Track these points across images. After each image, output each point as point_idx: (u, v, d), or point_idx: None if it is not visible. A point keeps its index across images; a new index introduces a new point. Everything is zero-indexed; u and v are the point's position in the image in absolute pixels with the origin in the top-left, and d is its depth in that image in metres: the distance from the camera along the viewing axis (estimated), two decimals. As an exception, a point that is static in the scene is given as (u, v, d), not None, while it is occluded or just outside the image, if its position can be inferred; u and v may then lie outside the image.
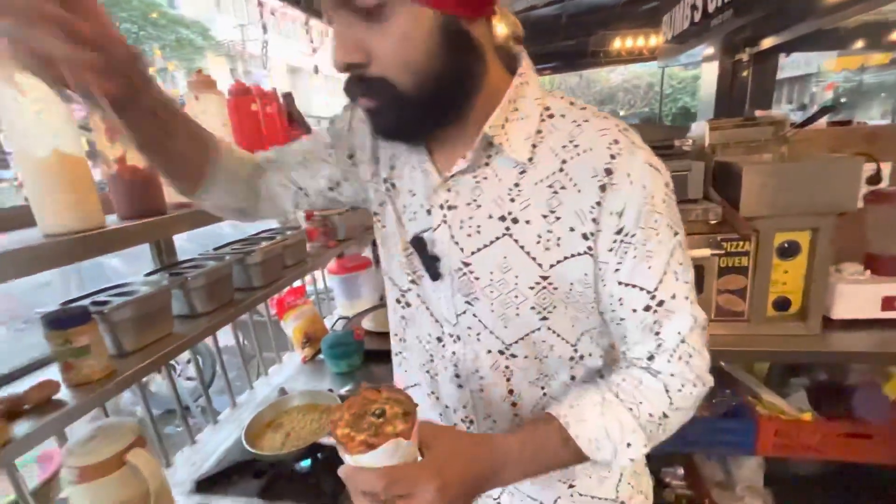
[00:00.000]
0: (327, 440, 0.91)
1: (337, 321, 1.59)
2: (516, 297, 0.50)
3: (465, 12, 0.43)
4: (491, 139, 0.48)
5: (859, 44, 4.49)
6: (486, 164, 0.50)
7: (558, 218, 0.47)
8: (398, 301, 0.60)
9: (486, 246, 0.50)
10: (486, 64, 0.47)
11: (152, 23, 10.51)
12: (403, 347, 0.63)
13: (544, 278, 0.49)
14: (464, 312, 0.53)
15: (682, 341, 0.49)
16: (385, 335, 1.43)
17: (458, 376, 0.56)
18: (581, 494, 0.59)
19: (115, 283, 0.80)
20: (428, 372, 0.59)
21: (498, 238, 0.49)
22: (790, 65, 9.70)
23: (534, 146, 0.48)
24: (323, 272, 1.76)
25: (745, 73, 3.11)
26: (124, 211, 0.71)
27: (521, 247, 0.49)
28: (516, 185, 0.49)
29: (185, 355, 2.90)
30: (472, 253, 0.51)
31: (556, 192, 0.47)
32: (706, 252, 1.19)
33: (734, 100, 3.24)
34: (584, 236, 0.47)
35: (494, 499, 0.62)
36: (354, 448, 0.40)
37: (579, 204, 0.46)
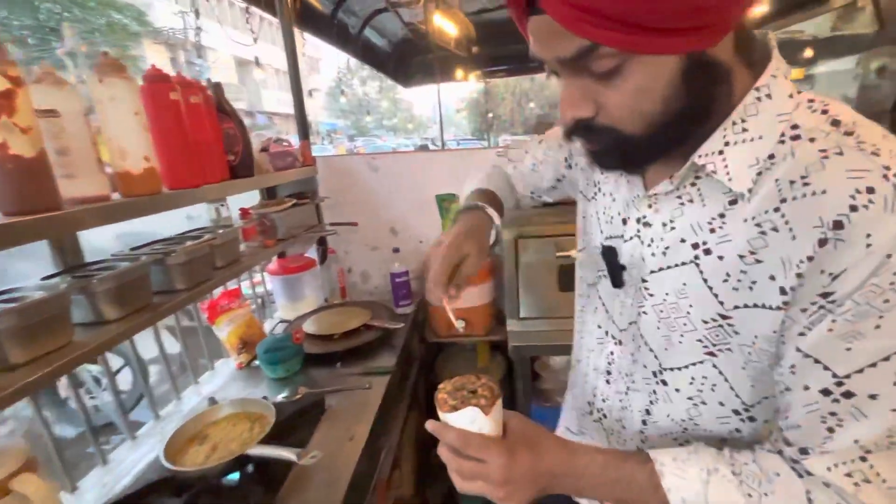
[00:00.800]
0: (257, 451, 0.86)
1: (277, 325, 1.52)
2: (685, 324, 0.48)
3: (712, 42, 0.37)
4: (701, 167, 0.44)
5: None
6: (693, 185, 0.46)
7: (759, 261, 0.42)
8: (589, 285, 0.65)
9: (668, 268, 0.49)
10: (732, 81, 0.42)
11: (79, 4, 9.64)
12: (582, 323, 0.69)
13: (723, 317, 0.45)
14: (634, 322, 0.55)
15: (863, 458, 0.38)
16: (328, 338, 1.40)
17: (609, 373, 0.61)
18: None
19: (3, 289, 0.71)
20: (592, 351, 0.65)
21: (684, 263, 0.47)
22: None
23: (759, 174, 0.41)
24: (262, 273, 1.68)
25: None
26: (8, 206, 0.63)
27: (705, 280, 0.46)
28: (721, 215, 0.44)
29: (117, 364, 2.67)
30: (652, 272, 0.51)
31: (764, 233, 0.41)
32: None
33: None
34: (783, 290, 0.40)
35: None
36: (443, 407, 0.50)
37: (788, 253, 0.39)
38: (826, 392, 0.39)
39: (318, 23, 2.47)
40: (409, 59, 6.26)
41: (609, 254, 0.56)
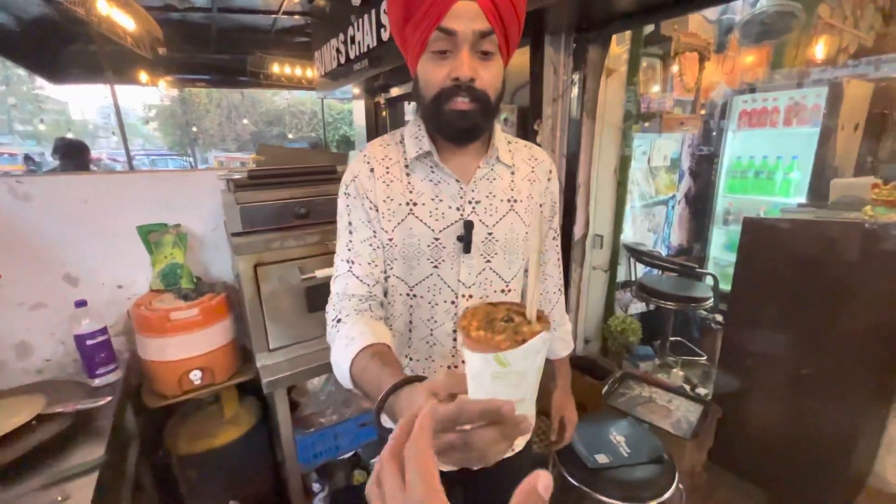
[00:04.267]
0: None
1: None
2: (517, 246, 0.81)
3: (505, 64, 0.72)
4: (497, 153, 0.79)
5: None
6: (492, 169, 0.80)
7: (531, 196, 0.83)
8: (408, 295, 0.79)
9: (501, 219, 0.79)
10: None
11: None
12: (410, 327, 0.81)
13: (526, 234, 0.81)
14: (481, 271, 0.79)
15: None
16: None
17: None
18: None
19: None
20: (432, 332, 0.81)
21: (508, 212, 0.80)
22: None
23: (511, 156, 0.82)
24: None
25: (384, 113, 3.85)
26: None
27: (518, 214, 0.81)
28: (512, 180, 0.81)
29: None
30: (494, 225, 0.79)
31: (531, 183, 0.83)
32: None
33: (381, 132, 3.95)
34: (540, 206, 0.85)
35: None
36: (503, 343, 0.38)
37: (540, 189, 0.85)
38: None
39: None
40: (57, 47, 4.71)
41: (468, 229, 0.76)
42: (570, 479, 1.29)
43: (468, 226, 0.75)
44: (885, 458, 1.84)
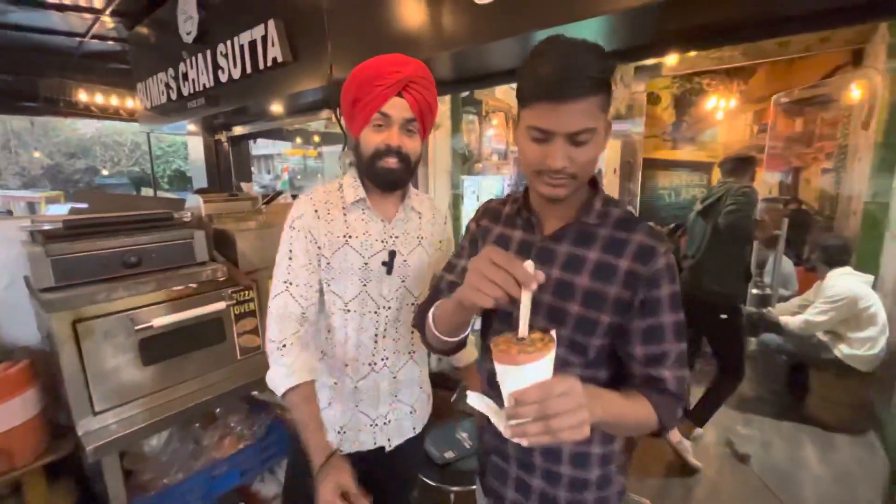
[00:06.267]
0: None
1: None
2: (423, 271, 1.03)
3: (423, 140, 0.99)
4: (411, 202, 1.02)
5: (298, 139, 6.37)
6: (407, 213, 1.02)
7: (433, 234, 1.05)
8: (344, 309, 0.98)
9: (412, 250, 1.01)
10: None
11: None
12: (346, 334, 0.99)
13: (429, 263, 1.03)
14: (398, 289, 1.00)
15: None
16: None
17: (385, 330, 1.00)
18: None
19: None
20: (359, 336, 0.99)
21: (417, 246, 1.02)
22: (264, 144, 12.21)
23: (420, 205, 1.05)
24: None
25: (226, 151, 3.68)
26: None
27: (424, 248, 1.03)
28: (419, 223, 1.04)
29: None
30: (408, 254, 1.01)
31: (433, 225, 1.06)
32: (221, 305, 1.40)
33: (223, 169, 3.74)
34: (440, 242, 1.07)
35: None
36: (529, 356, 0.51)
37: (439, 230, 1.08)
38: None
39: None
40: None
41: (391, 255, 0.97)
42: (423, 478, 1.46)
43: (392, 254, 0.98)
44: (652, 412, 2.51)
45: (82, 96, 4.47)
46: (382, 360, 1.01)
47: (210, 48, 2.40)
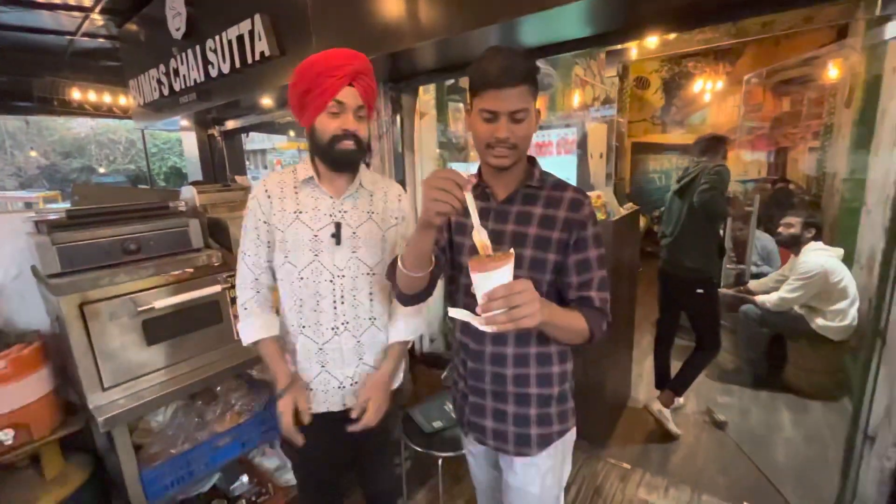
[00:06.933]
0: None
1: None
2: (375, 243, 1.09)
3: (369, 123, 1.09)
4: (361, 181, 1.10)
5: (291, 132, 6.39)
6: (357, 191, 1.10)
7: (386, 211, 1.12)
8: (298, 277, 1.07)
9: (361, 224, 1.09)
10: None
11: None
12: (301, 301, 1.08)
13: (384, 236, 1.11)
14: (350, 259, 1.07)
15: None
16: None
17: (342, 297, 1.08)
18: None
19: None
20: (318, 303, 1.08)
21: (367, 220, 1.09)
22: (258, 139, 12.21)
23: (372, 185, 1.12)
24: None
25: (220, 145, 3.74)
26: None
27: (376, 222, 1.10)
28: (371, 199, 1.11)
29: None
30: (357, 227, 1.08)
31: (385, 203, 1.13)
32: (217, 288, 1.49)
33: (217, 164, 3.81)
34: (395, 218, 1.13)
35: None
36: (496, 263, 0.67)
37: (393, 206, 1.14)
38: None
39: None
40: None
41: (337, 227, 1.06)
42: (411, 444, 1.56)
43: (338, 226, 1.07)
44: (637, 386, 2.62)
45: (76, 94, 4.52)
46: (343, 324, 1.09)
47: (199, 43, 2.45)
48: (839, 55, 3.01)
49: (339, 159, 1.03)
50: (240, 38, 2.15)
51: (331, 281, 1.07)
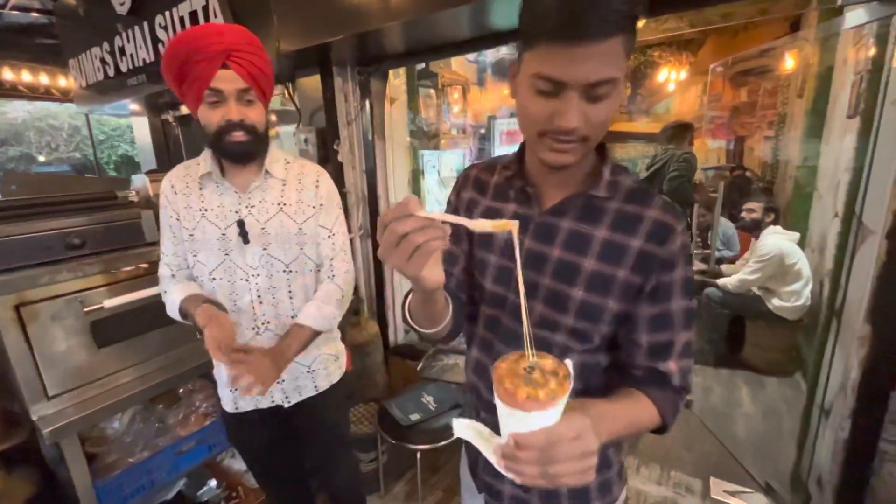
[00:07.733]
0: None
1: None
2: (288, 237, 1.01)
3: (266, 105, 0.99)
4: (269, 170, 1.00)
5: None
6: (265, 181, 1.00)
7: (301, 201, 1.02)
8: (210, 277, 1.01)
9: (270, 218, 1.00)
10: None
11: None
12: (220, 287, 1.01)
13: (300, 229, 1.02)
14: (262, 256, 1.00)
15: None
16: None
17: (259, 296, 1.01)
18: None
19: None
20: (235, 303, 1.02)
21: (276, 213, 1.00)
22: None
23: (285, 172, 1.02)
24: None
25: (176, 132, 3.51)
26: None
27: (288, 214, 1.01)
28: (282, 190, 1.01)
29: None
30: (266, 222, 0.99)
31: (300, 191, 1.02)
32: (175, 284, 1.38)
33: (172, 152, 3.57)
34: (313, 207, 1.03)
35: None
36: (539, 403, 0.41)
37: (310, 195, 1.03)
38: (329, 237, 1.09)
39: None
40: None
41: (241, 224, 0.97)
42: (388, 439, 1.53)
43: (240, 224, 0.98)
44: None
45: (7, 74, 4.11)
46: (264, 324, 1.03)
47: (147, 20, 2.26)
48: (793, 46, 3.13)
49: (231, 153, 0.93)
50: (192, 14, 1.99)
51: (246, 280, 1.00)
